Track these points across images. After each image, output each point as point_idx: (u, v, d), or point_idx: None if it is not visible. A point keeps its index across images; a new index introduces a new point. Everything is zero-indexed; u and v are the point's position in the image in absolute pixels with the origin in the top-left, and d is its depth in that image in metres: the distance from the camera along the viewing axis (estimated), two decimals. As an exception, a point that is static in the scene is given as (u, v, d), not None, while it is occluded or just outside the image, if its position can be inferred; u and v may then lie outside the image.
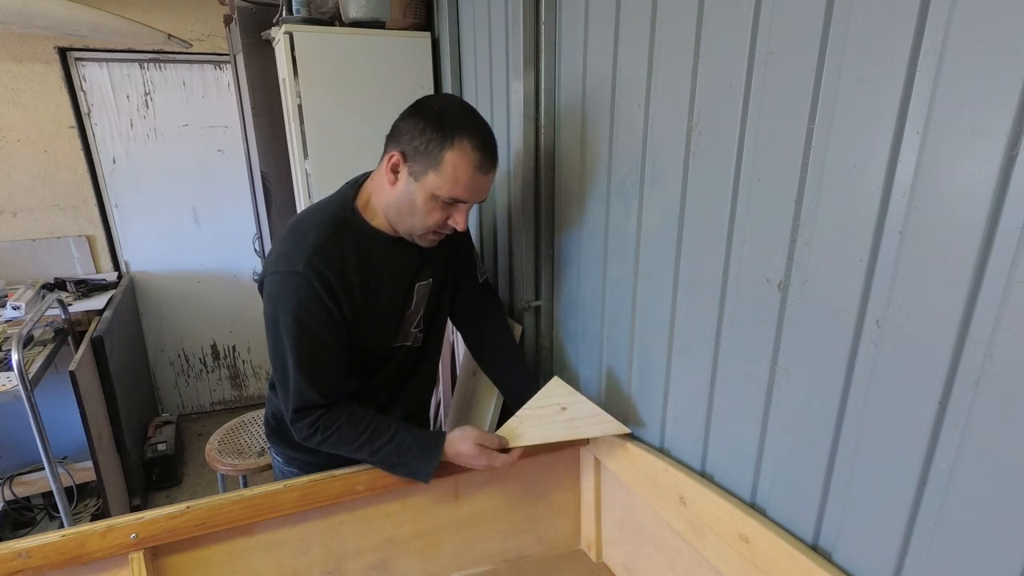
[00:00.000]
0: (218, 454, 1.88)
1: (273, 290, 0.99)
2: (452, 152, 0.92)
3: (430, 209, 0.97)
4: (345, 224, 1.03)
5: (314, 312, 0.98)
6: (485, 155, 0.95)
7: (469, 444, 1.02)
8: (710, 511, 0.93)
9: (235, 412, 3.23)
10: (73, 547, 0.91)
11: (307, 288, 0.96)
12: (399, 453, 1.03)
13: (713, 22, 0.84)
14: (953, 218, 0.58)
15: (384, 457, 1.03)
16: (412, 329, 1.17)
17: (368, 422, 1.03)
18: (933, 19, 0.58)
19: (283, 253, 1.00)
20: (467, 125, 0.94)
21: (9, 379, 1.88)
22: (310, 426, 1.02)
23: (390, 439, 1.03)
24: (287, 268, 0.98)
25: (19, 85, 2.65)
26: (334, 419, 1.02)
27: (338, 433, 1.02)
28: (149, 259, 3.08)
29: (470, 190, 0.96)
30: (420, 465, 1.03)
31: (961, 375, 0.60)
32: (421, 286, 1.14)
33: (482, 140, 0.94)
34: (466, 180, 0.94)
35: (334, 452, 1.05)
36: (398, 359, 1.17)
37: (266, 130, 2.12)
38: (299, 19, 1.71)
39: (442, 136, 0.92)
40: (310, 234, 1.00)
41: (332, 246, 0.99)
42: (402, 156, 0.96)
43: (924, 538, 0.66)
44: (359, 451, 1.03)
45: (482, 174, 0.96)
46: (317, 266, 0.97)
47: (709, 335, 0.94)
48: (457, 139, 0.92)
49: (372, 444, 1.02)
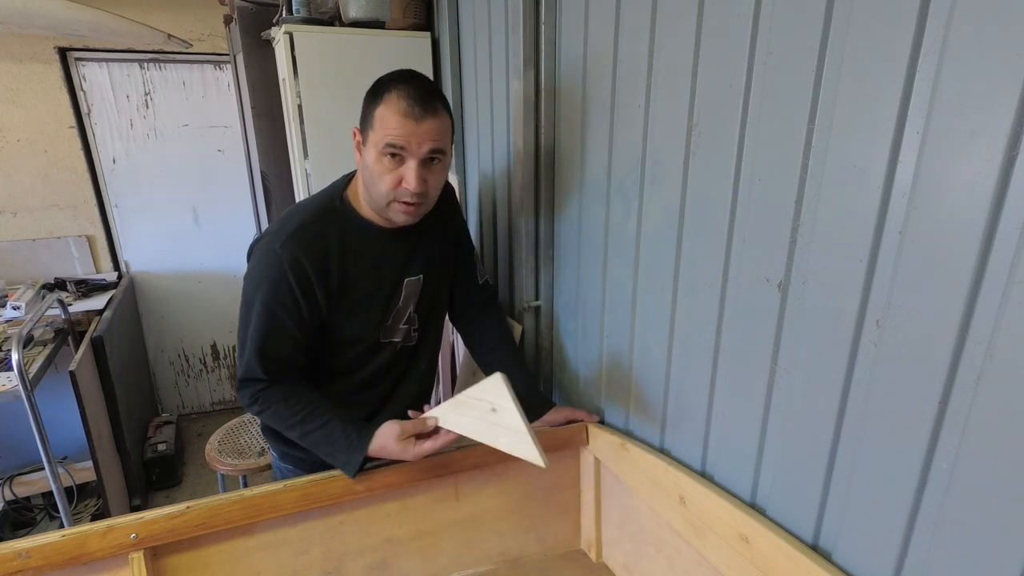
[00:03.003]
0: (218, 454, 1.88)
1: (252, 263, 1.05)
2: (381, 106, 0.97)
3: (381, 170, 0.99)
4: (332, 212, 1.07)
5: (279, 294, 1.01)
6: (411, 102, 0.96)
7: (392, 440, 1.00)
8: (710, 511, 0.93)
9: (235, 412, 3.23)
10: (73, 547, 0.91)
11: (278, 268, 1.00)
12: (328, 442, 1.04)
13: (713, 22, 0.84)
14: (953, 218, 0.58)
15: (313, 442, 1.05)
16: (402, 325, 1.16)
17: (304, 405, 1.05)
18: (933, 19, 0.58)
19: (271, 231, 1.05)
20: (395, 81, 0.98)
21: (9, 379, 1.88)
22: (251, 396, 1.06)
23: (321, 426, 1.04)
24: (268, 245, 1.02)
25: (19, 85, 2.65)
26: (273, 395, 1.06)
27: (273, 408, 1.06)
28: (149, 259, 3.08)
29: (401, 136, 0.96)
30: (345, 459, 1.03)
31: (961, 375, 0.60)
32: (411, 281, 1.14)
33: (408, 89, 0.97)
34: (395, 126, 0.96)
35: (271, 425, 1.10)
36: (388, 356, 1.17)
37: (266, 130, 2.13)
38: (299, 19, 1.71)
39: (375, 98, 0.99)
40: (295, 218, 1.05)
41: (313, 231, 1.03)
42: (359, 131, 1.04)
43: (924, 538, 0.66)
44: (291, 430, 1.06)
45: (412, 120, 0.96)
46: (292, 248, 1.01)
47: (709, 335, 0.94)
48: (385, 94, 0.97)
49: (303, 426, 1.05)
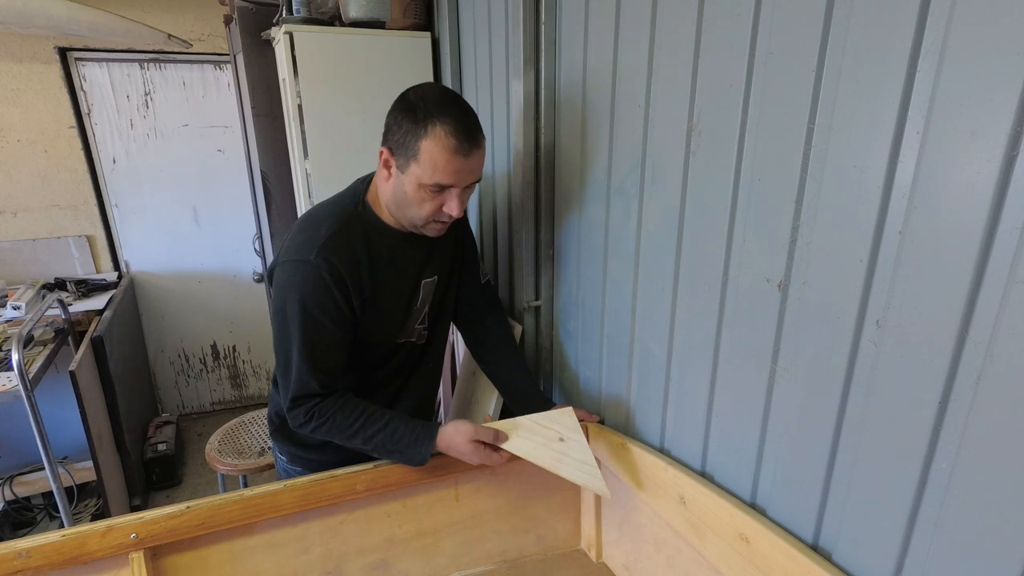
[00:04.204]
0: (218, 454, 1.88)
1: (283, 278, 1.01)
2: (426, 140, 0.93)
3: (421, 199, 0.99)
4: (356, 217, 1.05)
5: (322, 302, 0.99)
6: (460, 138, 0.94)
7: (464, 439, 1.01)
8: (710, 511, 0.93)
9: (235, 412, 3.23)
10: (73, 547, 0.91)
11: (317, 278, 0.98)
12: (393, 440, 1.03)
13: (713, 22, 0.84)
14: (953, 218, 0.58)
15: (378, 443, 1.04)
16: (417, 326, 1.17)
17: (362, 410, 1.04)
18: (933, 19, 0.58)
19: (296, 243, 1.02)
20: (439, 111, 0.93)
21: (9, 379, 1.88)
22: (306, 413, 1.03)
23: (384, 425, 1.03)
24: (298, 257, 0.99)
25: (19, 85, 2.65)
26: (329, 407, 1.03)
27: (331, 420, 1.03)
28: (149, 259, 3.08)
29: (451, 174, 0.96)
30: (415, 451, 1.03)
31: (961, 375, 0.60)
32: (427, 283, 1.15)
33: (455, 124, 0.93)
34: (444, 165, 0.94)
35: (327, 439, 1.06)
36: (402, 355, 1.18)
37: (266, 130, 2.12)
38: (299, 19, 1.71)
39: (415, 126, 0.94)
40: (323, 225, 1.02)
41: (344, 238, 1.01)
42: (389, 151, 0.99)
43: (924, 538, 0.66)
44: (352, 438, 1.04)
45: (461, 157, 0.95)
46: (328, 256, 0.98)
47: (709, 335, 0.94)
48: (429, 126, 0.93)
49: (366, 431, 1.03)
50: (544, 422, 1.08)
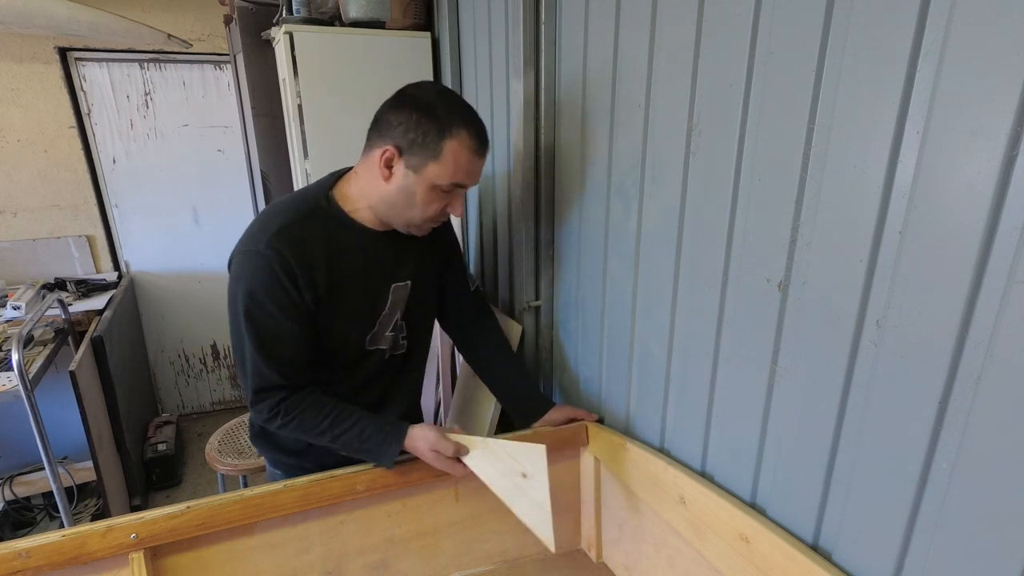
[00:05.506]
0: (218, 454, 1.88)
1: (235, 269, 1.00)
2: (451, 141, 0.95)
3: (431, 199, 1.00)
4: (317, 211, 1.02)
5: (273, 292, 0.97)
6: (480, 140, 0.99)
7: (426, 445, 1.02)
8: (710, 511, 0.93)
9: (235, 412, 3.23)
10: (73, 547, 0.91)
11: (266, 268, 0.96)
12: (361, 439, 1.03)
13: (713, 22, 0.84)
14: (953, 218, 0.58)
15: (346, 442, 1.03)
16: (389, 333, 1.13)
17: (331, 408, 1.03)
18: (933, 19, 0.58)
19: (250, 233, 1.01)
20: (460, 113, 0.97)
21: (9, 379, 1.88)
22: (270, 409, 1.01)
23: (353, 425, 1.03)
24: (250, 247, 0.98)
25: (19, 85, 2.65)
26: (296, 403, 1.02)
27: (299, 418, 1.02)
28: (149, 259, 3.08)
29: (471, 174, 1.01)
30: (383, 451, 1.03)
31: (961, 375, 0.60)
32: (398, 287, 1.11)
33: (476, 126, 0.99)
34: (466, 165, 0.98)
35: (294, 436, 1.05)
36: (377, 363, 1.14)
37: (266, 130, 2.13)
38: (299, 19, 1.71)
39: (439, 127, 0.95)
40: (280, 216, 1.00)
41: (298, 230, 0.99)
42: (397, 150, 0.97)
43: (924, 538, 0.66)
44: (320, 436, 1.03)
45: (479, 158, 1.00)
46: (278, 247, 0.96)
47: (709, 335, 0.94)
48: (455, 128, 0.95)
49: (334, 430, 1.02)
50: (513, 452, 1.04)
